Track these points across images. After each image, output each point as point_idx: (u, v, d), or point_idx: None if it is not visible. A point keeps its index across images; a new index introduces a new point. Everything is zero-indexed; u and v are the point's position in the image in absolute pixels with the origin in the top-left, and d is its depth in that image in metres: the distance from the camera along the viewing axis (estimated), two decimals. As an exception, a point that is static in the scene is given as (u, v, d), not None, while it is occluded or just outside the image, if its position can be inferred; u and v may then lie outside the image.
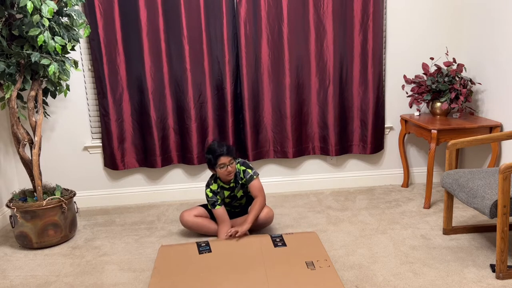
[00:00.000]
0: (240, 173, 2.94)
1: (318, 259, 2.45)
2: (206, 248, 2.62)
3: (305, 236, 2.75)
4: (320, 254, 2.50)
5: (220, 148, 2.82)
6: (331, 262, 2.42)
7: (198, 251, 2.59)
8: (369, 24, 3.58)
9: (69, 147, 3.63)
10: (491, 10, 3.39)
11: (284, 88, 3.62)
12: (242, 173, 2.93)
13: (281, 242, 2.66)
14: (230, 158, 2.84)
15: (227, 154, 2.82)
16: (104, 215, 3.52)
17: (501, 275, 2.35)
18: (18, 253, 2.92)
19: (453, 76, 3.51)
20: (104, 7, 3.34)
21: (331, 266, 2.37)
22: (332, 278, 2.26)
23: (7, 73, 2.74)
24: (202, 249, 2.61)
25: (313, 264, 2.39)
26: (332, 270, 2.34)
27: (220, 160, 2.81)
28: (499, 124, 3.31)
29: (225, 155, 2.81)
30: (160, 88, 3.52)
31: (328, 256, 2.49)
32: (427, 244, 2.78)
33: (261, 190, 2.92)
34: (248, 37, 3.51)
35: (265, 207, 2.96)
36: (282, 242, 2.65)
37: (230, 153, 2.85)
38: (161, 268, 2.45)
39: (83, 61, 3.51)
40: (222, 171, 2.84)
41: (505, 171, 2.23)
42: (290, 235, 2.75)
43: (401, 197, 3.65)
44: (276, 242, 2.66)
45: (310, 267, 2.36)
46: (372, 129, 3.75)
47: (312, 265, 2.39)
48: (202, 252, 2.58)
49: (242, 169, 2.94)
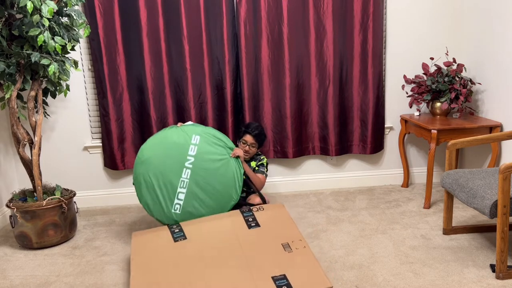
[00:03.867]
0: (259, 162, 3.19)
1: (293, 240, 2.48)
2: (180, 235, 2.61)
3: (275, 212, 2.77)
4: (294, 234, 2.54)
5: (254, 129, 3.13)
6: (306, 242, 2.46)
7: (172, 239, 2.59)
8: (369, 24, 3.58)
9: (69, 147, 3.63)
10: (491, 10, 3.39)
11: (284, 88, 3.62)
12: (260, 163, 3.19)
13: (254, 221, 2.66)
14: (254, 142, 3.11)
15: (254, 136, 3.11)
16: (104, 215, 3.52)
17: (501, 275, 2.35)
18: (18, 253, 2.92)
19: (453, 76, 3.51)
20: (104, 7, 3.34)
21: (306, 247, 2.42)
22: (310, 261, 2.30)
23: (7, 73, 2.74)
24: (176, 235, 2.61)
25: (289, 246, 2.43)
26: (308, 251, 2.38)
27: (245, 136, 3.13)
28: (499, 124, 3.31)
29: (251, 135, 3.11)
30: (160, 88, 3.52)
31: (301, 235, 2.52)
32: (427, 244, 2.78)
33: (263, 179, 3.16)
34: (248, 37, 3.51)
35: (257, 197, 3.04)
36: (255, 222, 2.66)
37: (257, 138, 3.12)
38: (139, 260, 2.43)
39: (83, 61, 3.51)
40: (241, 145, 3.14)
41: (505, 171, 2.24)
42: (261, 212, 2.75)
43: (401, 197, 3.65)
44: (249, 222, 2.66)
45: (287, 250, 2.41)
46: (372, 129, 3.75)
47: (288, 247, 2.43)
48: (177, 240, 2.58)
49: (263, 162, 3.20)
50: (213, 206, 2.81)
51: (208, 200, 2.80)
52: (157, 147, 2.83)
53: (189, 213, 2.79)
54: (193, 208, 2.79)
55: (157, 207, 2.79)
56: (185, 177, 2.79)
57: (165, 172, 2.78)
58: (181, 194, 2.78)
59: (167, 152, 2.81)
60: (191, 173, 2.79)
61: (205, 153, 2.82)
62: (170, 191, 2.78)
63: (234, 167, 2.86)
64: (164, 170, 2.78)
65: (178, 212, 2.78)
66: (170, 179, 2.77)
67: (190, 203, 2.79)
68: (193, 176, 2.79)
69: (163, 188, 2.78)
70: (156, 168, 2.78)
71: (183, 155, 2.80)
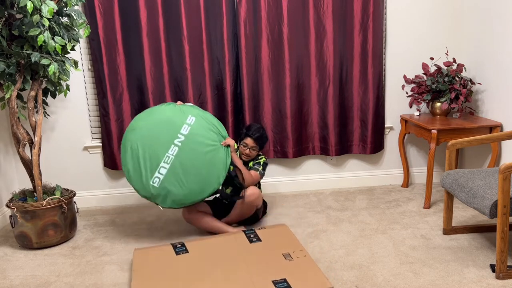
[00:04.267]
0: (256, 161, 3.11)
1: (294, 251, 2.52)
2: (182, 249, 2.62)
3: (277, 229, 2.82)
4: (295, 246, 2.58)
5: (255, 132, 3.08)
6: (306, 252, 2.50)
7: (174, 252, 2.60)
8: (369, 24, 3.58)
9: (69, 147, 3.63)
10: (491, 10, 3.39)
11: (284, 88, 3.62)
12: (256, 162, 3.11)
13: (256, 237, 2.70)
14: (255, 145, 3.06)
15: (255, 140, 3.06)
16: (104, 215, 3.52)
17: (501, 275, 2.35)
18: (18, 253, 2.92)
19: (453, 76, 3.51)
20: (104, 7, 3.34)
21: (307, 256, 2.45)
22: (310, 266, 2.34)
23: (7, 73, 2.74)
24: (178, 249, 2.62)
25: (290, 256, 2.46)
26: (309, 259, 2.41)
27: (246, 139, 3.08)
28: (499, 124, 3.31)
29: (252, 138, 3.06)
30: (160, 88, 3.52)
31: (303, 247, 2.56)
32: (427, 244, 2.78)
33: (255, 176, 3.03)
34: (248, 37, 3.51)
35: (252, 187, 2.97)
36: (256, 238, 2.69)
37: (258, 141, 3.07)
38: (140, 270, 2.45)
39: (83, 61, 3.51)
40: (241, 148, 3.10)
41: (505, 171, 2.23)
42: (263, 230, 2.80)
43: (401, 197, 3.65)
44: (250, 238, 2.69)
45: (288, 259, 2.44)
46: (372, 129, 3.75)
47: (289, 256, 2.46)
48: (179, 253, 2.59)
49: (259, 161, 3.12)
50: (192, 188, 2.80)
51: (188, 181, 2.79)
52: (150, 118, 2.87)
53: (166, 189, 2.78)
54: (171, 186, 2.78)
55: (137, 176, 2.79)
56: (171, 153, 2.80)
57: (153, 144, 2.80)
58: (163, 169, 2.78)
59: (159, 125, 2.83)
60: (178, 150, 2.80)
61: (197, 135, 2.83)
62: (153, 164, 2.78)
63: (223, 155, 2.85)
64: (152, 142, 2.80)
65: (156, 186, 2.78)
66: (157, 152, 2.79)
67: (169, 180, 2.78)
68: (179, 154, 2.80)
69: (147, 159, 2.79)
70: (144, 138, 2.81)
71: (174, 132, 2.82)
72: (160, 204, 2.82)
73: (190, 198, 2.81)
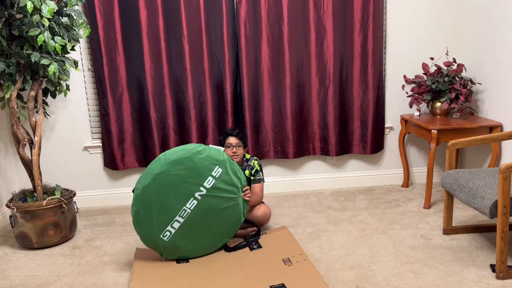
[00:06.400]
0: (253, 170, 3.01)
1: (293, 255, 2.53)
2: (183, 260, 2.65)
3: (278, 233, 2.82)
4: (295, 250, 2.59)
5: (233, 129, 3.04)
6: (306, 256, 2.50)
7: (175, 261, 2.63)
8: (369, 24, 3.58)
9: (69, 147, 3.63)
10: (491, 11, 3.39)
11: (284, 88, 3.62)
12: (255, 171, 3.01)
13: (257, 245, 2.72)
14: (238, 141, 2.97)
15: (236, 135, 2.98)
16: (104, 215, 3.52)
17: (501, 275, 2.35)
18: (18, 253, 2.92)
19: (453, 76, 3.51)
20: (104, 7, 3.34)
21: (307, 260, 2.45)
22: (309, 271, 2.34)
23: (7, 73, 2.74)
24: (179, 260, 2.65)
25: (290, 260, 2.48)
26: (309, 263, 2.42)
27: (228, 140, 2.98)
28: (499, 124, 3.31)
29: (233, 136, 2.98)
30: (160, 88, 3.52)
31: (303, 250, 2.57)
32: (427, 244, 2.78)
33: (261, 190, 3.00)
34: (248, 37, 3.51)
35: (262, 205, 3.00)
36: (257, 245, 2.71)
37: (239, 136, 2.99)
38: (140, 272, 2.46)
39: (83, 61, 3.51)
40: (228, 151, 2.94)
41: (505, 171, 2.23)
42: (264, 235, 2.80)
43: (401, 197, 3.65)
44: (251, 246, 2.71)
45: (288, 264, 2.45)
46: (372, 129, 3.75)
47: (289, 261, 2.47)
48: (180, 262, 2.62)
49: (257, 168, 3.02)
50: (202, 244, 2.65)
51: (200, 238, 2.63)
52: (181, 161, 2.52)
53: (175, 245, 2.58)
54: (181, 241, 2.59)
55: (146, 223, 2.51)
56: (188, 207, 2.55)
57: (172, 194, 2.52)
58: (176, 223, 2.55)
59: (186, 172, 2.53)
60: (196, 205, 2.56)
61: (219, 191, 2.60)
62: (167, 215, 2.53)
63: (240, 211, 2.70)
64: (171, 192, 2.52)
65: (165, 240, 2.55)
66: (173, 203, 2.53)
67: (180, 235, 2.57)
68: (196, 209, 2.56)
69: (161, 209, 2.52)
70: (164, 186, 2.50)
71: (197, 184, 2.55)
72: (165, 257, 2.64)
73: (198, 252, 2.66)
